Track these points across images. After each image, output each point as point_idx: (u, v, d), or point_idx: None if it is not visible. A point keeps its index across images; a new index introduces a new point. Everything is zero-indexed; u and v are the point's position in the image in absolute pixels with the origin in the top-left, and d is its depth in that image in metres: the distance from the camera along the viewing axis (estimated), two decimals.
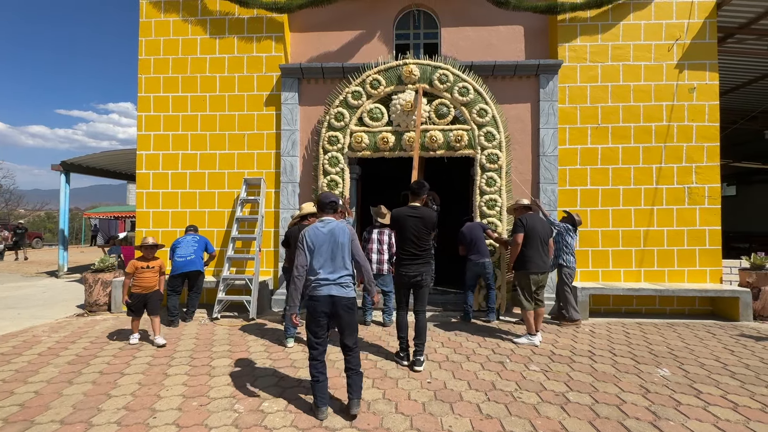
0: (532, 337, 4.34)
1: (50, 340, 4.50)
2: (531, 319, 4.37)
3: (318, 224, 2.93)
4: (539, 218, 4.63)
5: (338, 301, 2.78)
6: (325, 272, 2.81)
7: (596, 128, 5.95)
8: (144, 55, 6.35)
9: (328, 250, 2.83)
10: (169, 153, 6.29)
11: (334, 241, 2.84)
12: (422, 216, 3.76)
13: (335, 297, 2.78)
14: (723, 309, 5.64)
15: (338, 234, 2.86)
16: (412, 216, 3.76)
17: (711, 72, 5.90)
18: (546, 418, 2.76)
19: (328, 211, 2.99)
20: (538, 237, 4.39)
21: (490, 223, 5.66)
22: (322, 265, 2.81)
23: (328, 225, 2.90)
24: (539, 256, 4.39)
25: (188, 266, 5.26)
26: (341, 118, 5.87)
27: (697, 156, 5.87)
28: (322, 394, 2.77)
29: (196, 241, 5.48)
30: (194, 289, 5.42)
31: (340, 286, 2.81)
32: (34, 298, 6.98)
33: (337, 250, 2.84)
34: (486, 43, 6.24)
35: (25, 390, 3.19)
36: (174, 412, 2.84)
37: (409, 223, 3.74)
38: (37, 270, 11.37)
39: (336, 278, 2.81)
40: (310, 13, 6.30)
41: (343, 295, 2.80)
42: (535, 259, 4.36)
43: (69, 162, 9.86)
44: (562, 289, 5.17)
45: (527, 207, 4.65)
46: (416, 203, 3.85)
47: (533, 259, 4.35)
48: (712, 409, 2.92)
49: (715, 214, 5.85)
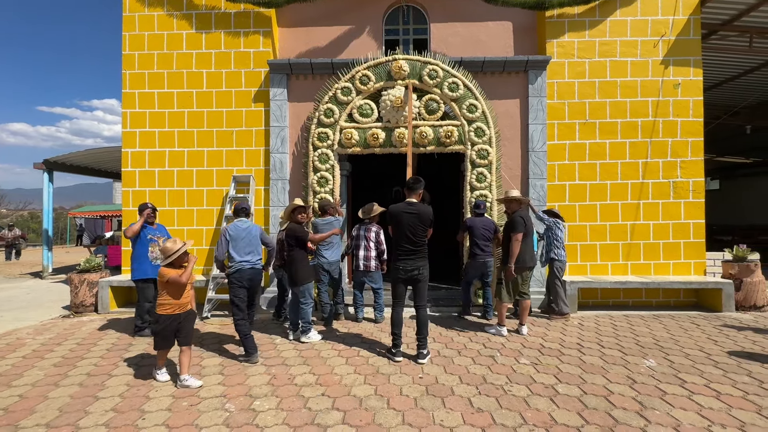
0: (501, 328, 4.54)
1: (35, 342, 4.41)
2: (504, 312, 4.57)
3: (238, 223, 4.07)
4: (529, 214, 4.71)
5: (255, 275, 3.98)
6: (243, 256, 3.94)
7: (584, 124, 6.01)
8: (128, 51, 6.21)
9: (247, 240, 3.98)
10: (156, 150, 6.18)
11: (249, 235, 4.02)
12: (418, 212, 3.77)
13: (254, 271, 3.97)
14: (707, 300, 5.78)
15: (252, 230, 4.08)
16: (408, 212, 3.76)
17: (695, 68, 6.00)
18: (536, 410, 2.80)
19: (241, 215, 4.16)
20: (530, 234, 4.59)
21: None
22: (242, 251, 3.95)
23: (245, 224, 4.09)
24: (530, 252, 4.55)
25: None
26: (331, 115, 5.83)
27: (681, 151, 5.98)
28: (252, 346, 3.77)
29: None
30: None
31: (254, 265, 3.98)
32: (18, 300, 6.82)
33: (253, 241, 4.03)
34: (475, 39, 6.25)
35: (9, 394, 3.12)
36: (163, 412, 2.81)
37: (405, 218, 3.74)
38: (21, 271, 11.11)
39: (255, 260, 3.98)
40: (299, 8, 6.23)
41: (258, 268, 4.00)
42: (526, 255, 4.49)
43: (52, 160, 9.61)
44: (553, 282, 5.24)
45: (518, 200, 4.68)
46: (412, 199, 3.85)
47: (525, 256, 4.48)
48: (696, 398, 2.99)
49: (699, 207, 5.97)
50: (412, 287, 3.82)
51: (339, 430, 2.57)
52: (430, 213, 3.83)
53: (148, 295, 4.57)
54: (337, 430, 2.56)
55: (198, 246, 6.07)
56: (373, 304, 5.21)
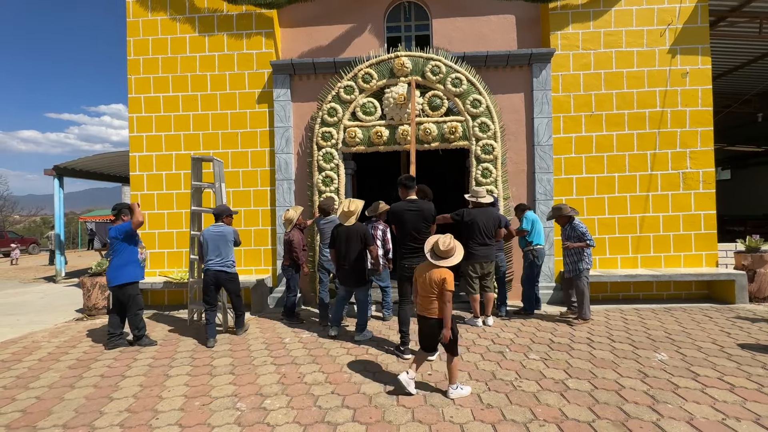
0: (476, 320, 4.68)
1: (50, 345, 4.49)
2: (476, 305, 4.68)
3: (211, 227, 4.49)
4: (483, 210, 4.65)
5: (221, 275, 4.40)
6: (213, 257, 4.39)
7: (590, 116, 5.94)
8: (133, 56, 6.27)
9: (215, 244, 4.38)
10: (163, 154, 6.25)
11: (222, 238, 4.40)
12: (420, 209, 3.76)
13: (218, 272, 4.39)
14: (719, 292, 5.69)
15: (226, 234, 4.43)
16: (410, 210, 3.76)
17: (703, 56, 5.89)
18: (546, 406, 2.79)
19: (225, 218, 4.56)
20: (481, 228, 4.54)
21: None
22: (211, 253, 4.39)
23: (219, 228, 4.47)
24: (483, 246, 4.56)
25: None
26: (334, 114, 5.84)
27: (691, 141, 5.88)
28: (210, 332, 4.30)
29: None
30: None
31: (227, 267, 4.41)
32: (33, 304, 6.96)
33: (223, 244, 4.40)
34: (478, 33, 6.20)
35: (27, 396, 3.19)
36: (176, 412, 2.85)
37: (408, 217, 3.74)
38: (35, 275, 11.32)
39: (222, 261, 4.38)
40: (300, 8, 6.24)
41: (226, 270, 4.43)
42: (472, 249, 4.50)
43: (62, 166, 9.77)
44: (582, 289, 4.71)
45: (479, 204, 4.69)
46: (413, 197, 3.84)
47: (471, 250, 4.48)
48: (709, 391, 2.95)
49: (710, 198, 5.88)
50: None
51: (349, 427, 2.58)
52: (432, 209, 3.83)
53: (141, 301, 4.37)
54: (348, 428, 2.58)
55: None
56: (381, 302, 5.21)
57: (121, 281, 4.23)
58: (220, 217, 4.54)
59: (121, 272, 4.23)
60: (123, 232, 4.22)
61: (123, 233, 4.21)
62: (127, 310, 4.29)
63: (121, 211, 4.40)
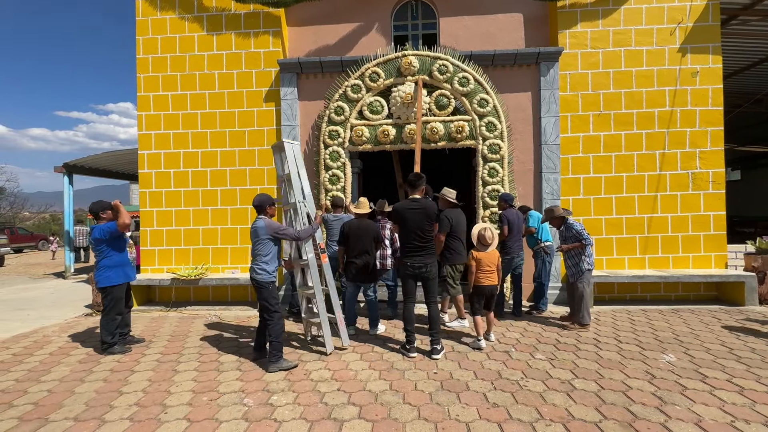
0: (463, 321, 4.69)
1: (60, 339, 4.57)
2: (461, 305, 4.68)
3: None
4: (457, 210, 4.59)
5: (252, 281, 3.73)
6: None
7: (598, 115, 5.89)
8: (142, 54, 6.33)
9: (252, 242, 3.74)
10: (171, 152, 6.30)
11: (254, 234, 3.67)
12: (423, 207, 3.77)
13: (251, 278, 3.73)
14: (728, 294, 5.63)
15: (257, 229, 3.65)
16: (413, 209, 3.77)
17: (714, 55, 5.81)
18: (552, 406, 2.79)
19: (269, 207, 3.77)
20: (462, 228, 4.53)
21: (492, 213, 5.65)
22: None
23: (255, 223, 3.70)
24: (463, 246, 4.55)
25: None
26: (341, 112, 5.85)
27: (700, 141, 5.82)
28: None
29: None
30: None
31: (253, 271, 3.67)
32: (43, 300, 7.06)
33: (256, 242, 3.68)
34: (485, 32, 6.18)
35: (38, 389, 3.24)
36: (184, 407, 2.88)
37: (411, 216, 3.75)
38: (45, 272, 11.49)
39: (253, 263, 3.71)
40: (307, 6, 6.25)
41: (254, 276, 3.67)
42: (462, 249, 4.50)
43: (71, 163, 9.90)
44: (583, 292, 4.55)
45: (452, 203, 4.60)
46: (416, 195, 3.85)
47: (461, 250, 4.47)
48: (718, 393, 2.93)
49: (719, 199, 5.81)
50: (423, 285, 3.84)
51: (355, 424, 2.60)
52: (435, 208, 3.85)
53: (122, 307, 4.14)
54: (354, 425, 2.59)
55: (213, 245, 6.18)
56: (386, 300, 5.23)
57: (108, 284, 4.04)
58: (262, 208, 3.73)
59: (110, 274, 4.05)
60: (109, 233, 4.00)
61: (109, 234, 4.01)
62: (105, 313, 4.04)
63: (100, 211, 4.16)
